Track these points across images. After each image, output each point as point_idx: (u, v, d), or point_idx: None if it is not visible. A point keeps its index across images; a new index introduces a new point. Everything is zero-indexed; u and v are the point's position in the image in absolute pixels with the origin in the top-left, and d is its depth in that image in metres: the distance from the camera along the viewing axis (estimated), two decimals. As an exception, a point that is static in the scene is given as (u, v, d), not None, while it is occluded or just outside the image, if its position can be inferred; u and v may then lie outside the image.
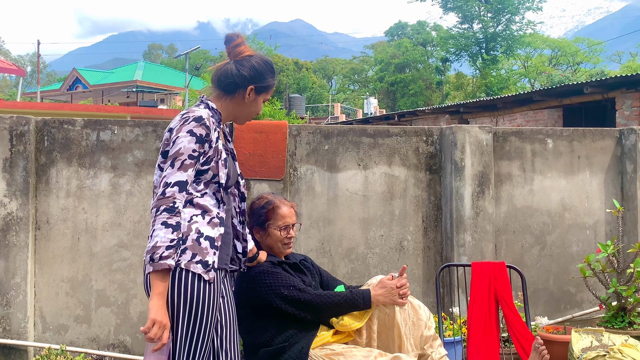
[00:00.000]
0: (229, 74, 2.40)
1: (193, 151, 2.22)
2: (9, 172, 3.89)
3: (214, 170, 2.29)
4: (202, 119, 2.26)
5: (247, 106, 2.44)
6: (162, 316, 2.10)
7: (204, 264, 2.21)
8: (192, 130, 2.23)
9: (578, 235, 4.93)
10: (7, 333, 3.83)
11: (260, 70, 2.41)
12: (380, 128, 4.66)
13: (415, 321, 2.97)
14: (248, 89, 2.39)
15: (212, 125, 2.30)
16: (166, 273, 2.14)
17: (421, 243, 4.63)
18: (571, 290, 4.90)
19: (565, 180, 4.92)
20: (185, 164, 2.20)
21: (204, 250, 2.23)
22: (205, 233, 2.25)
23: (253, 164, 4.30)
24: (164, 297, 2.13)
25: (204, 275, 2.21)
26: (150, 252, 2.11)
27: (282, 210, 3.03)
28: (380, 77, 49.52)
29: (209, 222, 2.27)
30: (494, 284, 3.47)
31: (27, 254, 3.88)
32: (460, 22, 42.97)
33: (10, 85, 57.07)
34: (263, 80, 2.42)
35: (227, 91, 2.41)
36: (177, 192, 2.17)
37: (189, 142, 2.21)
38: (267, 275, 2.88)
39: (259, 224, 3.03)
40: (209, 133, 2.26)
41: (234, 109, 2.43)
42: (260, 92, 2.43)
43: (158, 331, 2.09)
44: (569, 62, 46.59)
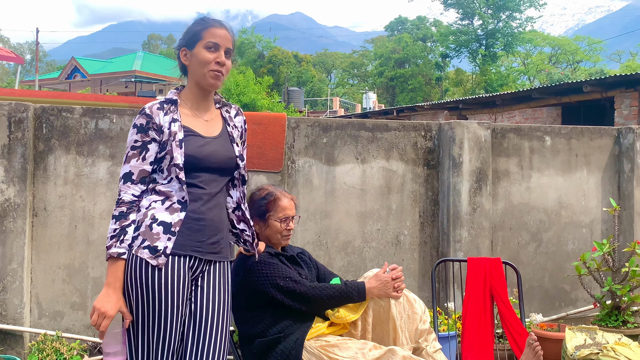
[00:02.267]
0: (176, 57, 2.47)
1: (135, 142, 2.29)
2: (6, 159, 3.88)
3: (170, 153, 2.28)
4: (143, 109, 2.31)
5: (192, 66, 2.36)
6: (103, 304, 2.17)
7: (151, 249, 2.22)
8: (135, 123, 2.31)
9: (574, 233, 4.94)
10: (3, 318, 3.84)
11: (187, 30, 2.40)
12: (379, 122, 4.66)
13: (411, 314, 2.98)
14: (182, 54, 2.39)
15: (158, 111, 2.30)
16: (115, 262, 2.22)
17: (418, 238, 4.64)
18: (566, 288, 4.92)
19: (562, 178, 4.93)
20: (129, 156, 2.29)
21: (154, 235, 2.23)
22: (160, 219, 2.25)
23: (251, 156, 4.30)
24: (112, 287, 2.20)
25: (151, 260, 2.21)
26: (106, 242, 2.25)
27: (283, 202, 3.05)
28: (380, 71, 49.47)
29: (168, 207, 2.27)
30: (489, 279, 3.48)
31: (24, 240, 3.88)
32: (460, 18, 42.93)
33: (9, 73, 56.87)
34: (189, 34, 2.38)
35: (181, 71, 2.44)
36: (122, 184, 2.27)
37: (131, 134, 2.30)
38: (264, 265, 2.89)
39: (258, 214, 3.03)
40: (150, 120, 2.28)
41: (191, 78, 2.40)
42: (194, 45, 2.34)
43: (98, 319, 2.17)
44: (569, 60, 46.59)
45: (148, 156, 2.29)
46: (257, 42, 53.04)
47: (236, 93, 23.38)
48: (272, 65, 49.08)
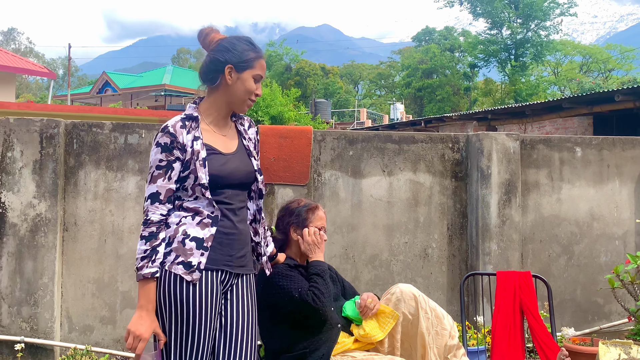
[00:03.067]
0: (206, 65, 2.36)
1: (160, 161, 2.25)
2: (38, 174, 3.96)
3: (194, 172, 2.26)
4: (166, 127, 2.27)
5: (234, 88, 2.33)
6: (138, 327, 2.15)
7: (185, 265, 2.21)
8: (158, 141, 2.26)
9: (607, 246, 4.84)
10: (34, 332, 3.89)
11: (234, 47, 2.33)
12: (405, 134, 4.64)
13: (439, 330, 2.94)
14: (226, 70, 2.31)
15: (182, 129, 2.27)
16: (146, 283, 2.19)
17: (446, 251, 4.59)
18: (599, 301, 4.81)
19: (594, 190, 4.84)
20: (154, 176, 2.24)
21: (188, 251, 2.23)
22: (192, 234, 2.25)
23: (277, 169, 4.31)
24: (145, 309, 2.18)
25: (186, 276, 2.20)
26: (136, 264, 2.22)
27: (321, 212, 3.10)
28: (407, 82, 49.34)
29: (199, 222, 2.27)
30: (519, 293, 3.42)
31: (54, 254, 3.94)
32: (489, 28, 42.61)
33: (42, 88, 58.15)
34: (241, 56, 2.32)
35: (211, 82, 2.36)
36: (150, 205, 2.23)
37: (155, 153, 2.25)
38: (281, 277, 2.88)
39: (298, 222, 3.04)
40: (174, 140, 2.24)
41: (225, 96, 2.36)
42: (244, 69, 2.32)
43: (133, 342, 2.14)
44: (600, 69, 45.93)
45: (173, 175, 2.26)
46: (284, 54, 53.45)
47: (264, 106, 23.54)
48: (300, 77, 49.34)
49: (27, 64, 26.00)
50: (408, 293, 2.98)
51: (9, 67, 23.72)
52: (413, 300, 2.96)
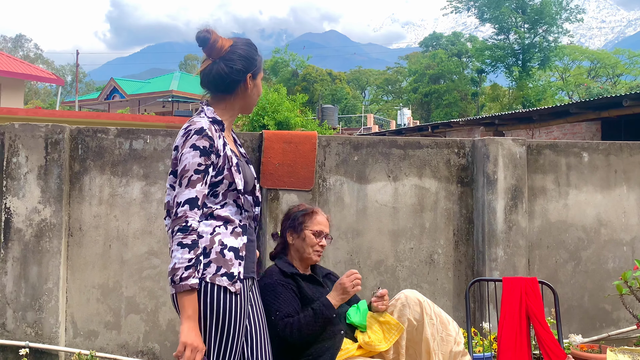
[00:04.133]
0: (223, 74, 2.30)
1: (199, 165, 2.16)
2: (43, 180, 3.96)
3: (228, 178, 2.23)
4: (203, 130, 2.19)
5: (251, 94, 2.38)
6: (194, 339, 2.07)
7: (229, 276, 2.18)
8: (195, 144, 2.17)
9: (614, 252, 4.80)
10: (39, 337, 3.89)
11: (249, 55, 2.33)
12: (410, 139, 4.62)
13: (444, 336, 2.92)
14: (247, 79, 2.32)
15: (215, 133, 2.23)
16: (191, 293, 2.11)
17: (452, 257, 4.56)
18: (607, 308, 4.77)
19: (601, 195, 4.80)
20: (193, 180, 2.15)
21: (229, 262, 2.19)
22: (228, 244, 2.21)
23: (282, 174, 4.30)
24: (193, 320, 2.10)
25: (230, 287, 2.18)
26: (170, 274, 2.10)
27: (319, 217, 3.06)
28: (414, 88, 49.34)
29: (232, 232, 2.23)
30: (525, 299, 3.39)
31: (59, 260, 3.94)
32: (496, 33, 42.56)
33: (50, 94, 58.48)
34: (255, 62, 2.35)
35: (229, 91, 2.33)
36: (189, 210, 2.13)
37: (192, 156, 2.16)
38: (269, 291, 2.88)
39: (294, 226, 3.04)
40: (212, 143, 2.19)
41: (241, 102, 2.37)
42: (257, 75, 2.37)
43: (190, 355, 2.06)
44: (609, 74, 45.78)
45: (208, 180, 2.20)
46: (290, 60, 53.56)
47: (270, 111, 23.55)
48: (306, 83, 49.42)
49: (36, 71, 26.17)
50: (413, 299, 2.96)
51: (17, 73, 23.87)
52: (418, 306, 2.94)
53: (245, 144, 4.34)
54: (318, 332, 2.81)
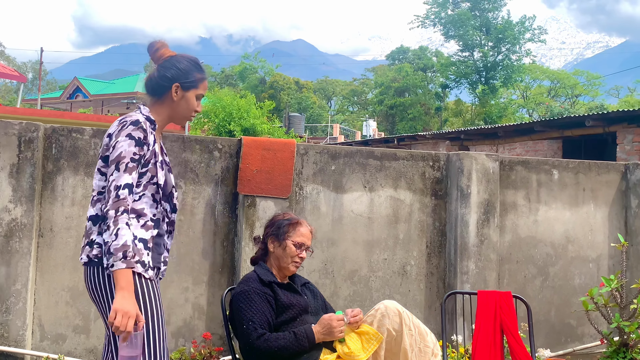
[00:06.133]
0: (153, 77, 2.46)
1: (134, 154, 2.28)
2: (15, 178, 3.86)
3: (152, 171, 2.36)
4: (139, 122, 2.33)
5: (178, 105, 2.46)
6: (125, 305, 2.16)
7: (142, 264, 2.32)
8: (131, 134, 2.29)
9: (581, 268, 4.92)
10: (4, 340, 3.78)
11: (182, 67, 2.45)
12: (387, 151, 4.66)
13: (422, 348, 2.94)
14: (173, 88, 2.43)
15: (148, 128, 2.37)
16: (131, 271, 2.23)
17: (424, 269, 4.61)
18: (572, 323, 4.88)
19: (569, 212, 4.92)
20: (129, 167, 2.27)
21: (140, 251, 2.32)
22: (139, 236, 2.33)
23: (260, 181, 4.29)
24: (127, 290, 2.18)
25: (144, 273, 2.32)
26: (120, 249, 2.18)
27: (303, 229, 3.06)
28: (380, 100, 49.75)
29: (143, 225, 2.35)
30: (499, 313, 3.44)
31: (29, 260, 3.84)
32: (461, 50, 43.33)
33: (10, 91, 57.01)
34: (188, 75, 2.45)
35: (155, 94, 2.46)
36: (128, 195, 2.25)
37: (128, 145, 2.28)
38: (244, 299, 2.88)
39: (277, 234, 3.04)
40: (146, 136, 2.33)
41: (167, 110, 2.47)
42: (189, 88, 2.45)
43: (122, 319, 2.14)
44: (568, 94, 47.01)
45: (138, 171, 2.32)
46: (259, 67, 53.46)
47: (237, 117, 23.44)
48: (274, 90, 49.37)
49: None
50: (392, 309, 2.98)
51: (-23, 68, 23.20)
52: (397, 317, 2.96)
53: (223, 149, 4.32)
54: (291, 355, 2.81)
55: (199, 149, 4.26)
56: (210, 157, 4.28)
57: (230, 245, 4.31)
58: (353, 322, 2.93)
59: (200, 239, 4.23)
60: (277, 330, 2.89)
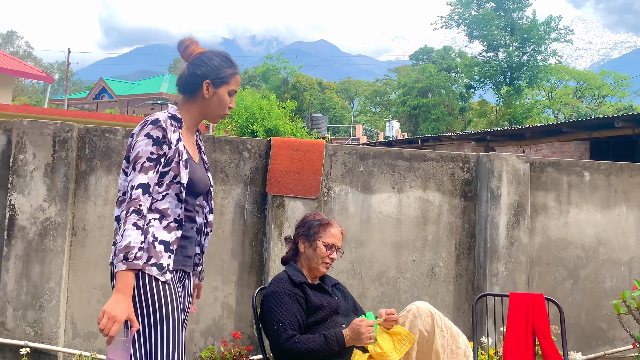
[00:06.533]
0: (184, 76, 2.43)
1: (151, 153, 2.24)
2: (49, 178, 3.93)
3: (174, 170, 2.31)
4: (158, 121, 2.29)
5: (210, 102, 2.43)
6: (113, 308, 2.10)
7: (158, 267, 2.25)
8: (149, 133, 2.26)
9: (612, 271, 4.85)
10: (38, 337, 3.84)
11: (213, 63, 2.41)
12: (416, 152, 4.65)
13: (454, 349, 2.93)
14: (204, 85, 2.40)
15: (171, 127, 2.32)
16: (132, 273, 2.17)
17: (453, 270, 4.58)
18: (603, 326, 4.81)
19: (600, 214, 4.86)
20: (145, 167, 2.23)
21: (159, 253, 2.26)
22: (160, 237, 2.27)
23: (289, 182, 4.30)
24: (123, 293, 2.12)
25: (160, 277, 2.25)
26: (123, 251, 2.13)
27: (334, 230, 3.06)
28: (403, 100, 49.56)
29: (166, 226, 2.30)
30: (531, 316, 3.41)
31: (62, 259, 3.91)
32: (485, 50, 42.98)
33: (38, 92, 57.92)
34: (218, 72, 2.41)
35: (187, 92, 2.43)
36: (142, 195, 2.20)
37: (145, 144, 2.25)
38: (274, 300, 2.89)
39: (307, 234, 3.04)
40: (165, 135, 2.28)
41: (199, 108, 2.44)
42: (220, 85, 2.42)
43: (107, 323, 2.09)
44: (594, 95, 46.36)
45: (158, 170, 2.27)
46: (282, 68, 53.60)
47: (260, 117, 23.53)
48: (296, 91, 49.47)
49: (25, 67, 25.93)
50: (425, 310, 2.97)
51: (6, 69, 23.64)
52: (430, 318, 2.95)
53: (252, 150, 4.34)
54: (321, 357, 2.81)
55: (228, 149, 4.29)
56: (240, 158, 4.31)
57: (259, 245, 4.33)
58: (389, 319, 2.92)
59: (229, 238, 4.26)
60: (308, 330, 2.89)
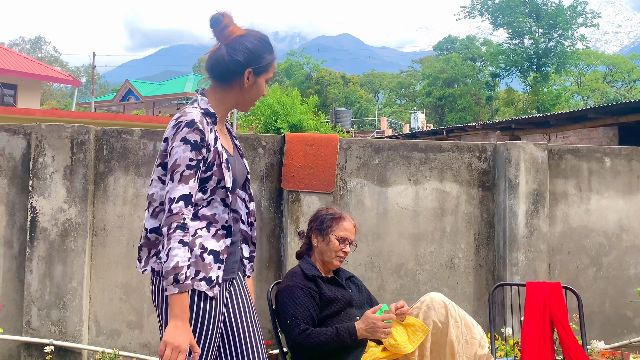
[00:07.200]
0: (222, 60, 2.16)
1: (190, 160, 2.04)
2: (68, 180, 4.01)
3: (217, 174, 2.12)
4: (194, 123, 2.06)
5: (247, 92, 2.21)
6: (175, 338, 1.98)
7: (207, 281, 2.10)
8: (186, 138, 2.04)
9: (636, 258, 4.77)
10: (63, 336, 3.93)
11: (256, 50, 2.17)
12: (432, 143, 4.62)
13: (469, 339, 2.92)
14: (246, 73, 2.17)
15: (207, 126, 2.11)
16: (187, 294, 2.03)
17: (472, 261, 4.55)
18: (628, 314, 4.74)
19: (623, 201, 4.77)
20: (185, 176, 2.04)
21: (207, 265, 2.11)
22: (209, 247, 2.12)
23: (303, 177, 4.32)
24: (180, 319, 2.00)
25: (208, 292, 2.11)
26: (172, 272, 1.98)
27: (346, 224, 3.07)
28: (428, 91, 49.21)
29: (214, 234, 2.13)
30: (549, 304, 3.38)
31: (84, 259, 3.99)
32: (510, 38, 42.40)
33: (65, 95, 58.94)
34: (260, 59, 2.18)
35: (223, 80, 2.19)
36: (184, 207, 2.02)
37: (183, 151, 2.04)
38: (287, 295, 2.91)
39: (320, 228, 3.06)
40: (203, 137, 2.07)
41: (235, 97, 2.22)
42: (260, 73, 2.20)
43: (172, 354, 1.97)
44: (624, 79, 45.45)
45: (199, 176, 2.09)
46: (305, 63, 53.63)
47: (283, 114, 23.60)
48: (320, 86, 49.46)
49: (52, 72, 26.42)
50: (438, 301, 2.97)
51: (34, 74, 24.12)
52: (443, 308, 2.95)
53: (267, 146, 4.37)
54: (333, 350, 2.82)
55: (243, 146, 4.32)
56: (255, 154, 4.34)
57: (276, 240, 4.36)
58: (399, 314, 2.93)
59: (247, 234, 4.29)
60: (322, 323, 2.91)
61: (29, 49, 69.93)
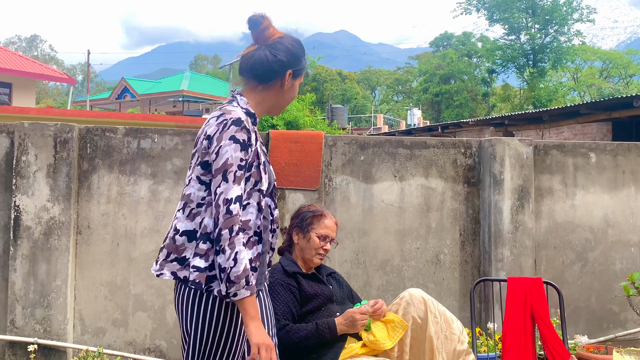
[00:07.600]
0: (265, 60, 2.15)
1: (241, 160, 1.99)
2: (52, 178, 4.00)
3: (255, 176, 2.07)
4: (241, 122, 2.02)
5: (285, 93, 2.21)
6: (263, 338, 1.97)
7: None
8: (235, 137, 1.99)
9: (622, 253, 4.78)
10: (47, 334, 3.93)
11: (296, 52, 2.20)
12: (417, 139, 4.62)
13: (448, 335, 2.93)
14: (287, 75, 2.17)
15: (250, 126, 2.07)
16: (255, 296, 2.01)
17: (458, 257, 4.56)
18: (614, 309, 4.75)
19: (608, 196, 4.78)
20: (238, 176, 1.98)
21: None
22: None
23: (288, 174, 4.32)
24: (257, 319, 1.99)
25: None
26: (242, 276, 1.94)
27: (327, 221, 3.08)
28: (425, 88, 49.23)
29: (247, 241, 2.05)
30: (530, 300, 3.39)
31: (68, 257, 3.99)
32: (506, 34, 42.40)
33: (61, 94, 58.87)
34: (300, 62, 2.21)
35: (264, 80, 2.16)
36: (240, 209, 1.98)
37: (234, 150, 1.98)
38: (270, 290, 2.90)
39: (301, 225, 3.07)
40: (250, 137, 2.03)
41: (273, 99, 2.21)
42: (298, 76, 2.22)
43: (266, 354, 1.97)
44: (621, 74, 45.49)
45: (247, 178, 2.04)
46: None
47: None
48: (317, 83, 49.45)
49: (48, 70, 26.37)
50: (417, 297, 2.98)
51: (29, 73, 24.06)
52: (422, 304, 2.96)
53: (252, 144, 4.36)
54: (313, 346, 2.83)
55: (228, 143, 4.31)
56: (240, 152, 4.33)
57: (262, 237, 4.35)
58: (377, 314, 2.94)
59: (232, 232, 4.29)
60: (303, 319, 2.92)
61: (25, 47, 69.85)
